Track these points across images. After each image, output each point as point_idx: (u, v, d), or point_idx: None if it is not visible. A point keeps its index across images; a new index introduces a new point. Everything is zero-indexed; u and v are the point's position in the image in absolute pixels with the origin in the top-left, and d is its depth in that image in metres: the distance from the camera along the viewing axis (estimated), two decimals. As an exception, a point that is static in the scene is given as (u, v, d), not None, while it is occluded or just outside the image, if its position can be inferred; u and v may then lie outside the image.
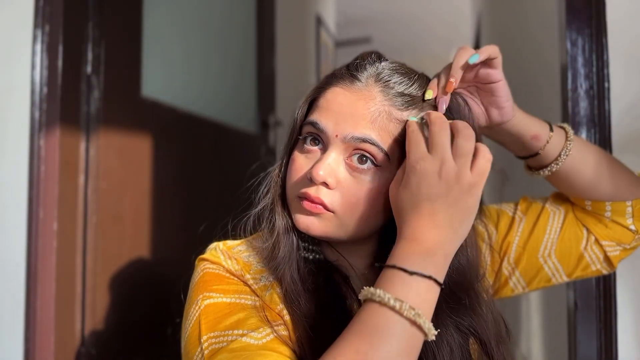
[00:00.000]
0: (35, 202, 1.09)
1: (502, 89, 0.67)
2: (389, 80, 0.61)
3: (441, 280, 0.52)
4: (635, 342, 0.91)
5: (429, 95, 0.62)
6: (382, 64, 0.64)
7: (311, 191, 0.60)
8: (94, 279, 1.20)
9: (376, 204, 0.60)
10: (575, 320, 0.94)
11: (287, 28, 2.49)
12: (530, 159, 0.74)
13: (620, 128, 0.92)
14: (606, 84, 0.92)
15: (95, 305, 1.20)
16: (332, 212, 0.60)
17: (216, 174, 1.68)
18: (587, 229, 0.75)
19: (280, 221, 0.65)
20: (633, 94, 0.92)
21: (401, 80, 0.62)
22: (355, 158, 0.60)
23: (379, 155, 0.59)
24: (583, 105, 0.94)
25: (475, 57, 0.62)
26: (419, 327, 0.50)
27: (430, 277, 0.51)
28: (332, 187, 0.60)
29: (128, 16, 1.36)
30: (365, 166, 0.59)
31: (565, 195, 0.78)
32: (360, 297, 0.52)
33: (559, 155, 0.71)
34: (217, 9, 1.86)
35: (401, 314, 0.49)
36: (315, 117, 0.62)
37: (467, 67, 0.65)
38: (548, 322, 1.41)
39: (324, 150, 0.61)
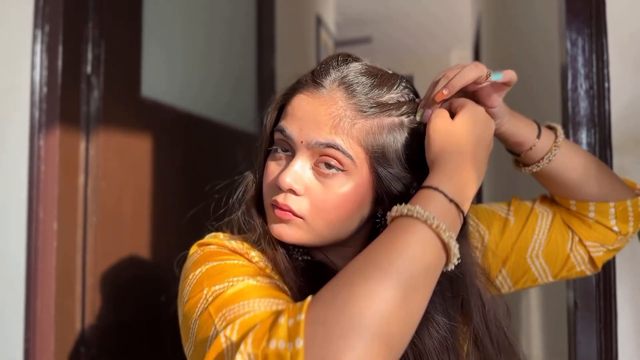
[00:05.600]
0: (35, 202, 1.09)
1: (494, 114, 0.67)
2: (353, 83, 0.61)
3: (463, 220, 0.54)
4: (635, 342, 0.91)
5: (419, 116, 0.63)
6: (350, 66, 0.63)
7: (279, 198, 0.61)
8: (94, 279, 1.20)
9: (345, 208, 0.60)
10: (575, 320, 0.94)
11: (287, 28, 2.49)
12: (516, 155, 0.75)
13: (620, 128, 0.92)
14: (606, 84, 0.92)
15: (95, 305, 1.20)
16: (302, 218, 0.60)
17: (216, 174, 1.68)
18: (572, 230, 0.76)
19: (258, 228, 0.65)
20: (633, 94, 0.91)
21: (366, 83, 0.61)
22: (322, 164, 0.60)
23: (345, 160, 0.59)
24: (583, 105, 0.94)
25: (499, 76, 0.63)
26: (447, 251, 0.51)
27: (462, 213, 0.53)
28: (300, 194, 0.60)
29: (128, 16, 1.36)
30: (332, 171, 0.59)
31: (551, 195, 0.79)
32: (392, 213, 0.52)
33: (542, 158, 0.72)
34: (217, 9, 1.86)
35: (437, 233, 0.50)
36: (282, 124, 0.62)
37: (473, 82, 0.63)
38: (548, 322, 1.41)
39: (293, 156, 0.61)
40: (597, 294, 0.93)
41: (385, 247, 0.49)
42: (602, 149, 0.93)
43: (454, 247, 0.50)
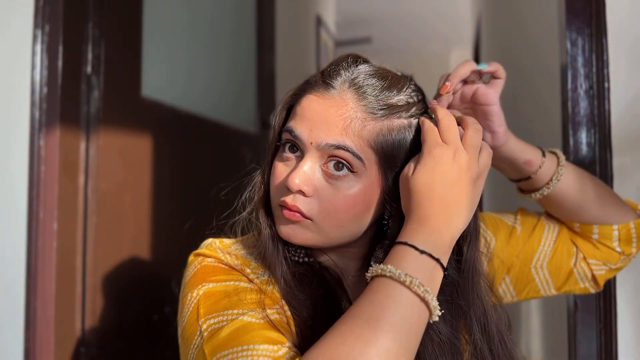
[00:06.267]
0: (35, 202, 1.09)
1: (496, 113, 0.68)
2: (364, 85, 0.61)
3: (445, 264, 0.54)
4: (635, 342, 0.91)
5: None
6: (359, 67, 0.63)
7: (288, 199, 0.60)
8: (94, 279, 1.20)
9: (354, 209, 0.60)
10: (575, 320, 0.94)
11: (287, 28, 2.49)
12: (523, 182, 0.75)
13: (620, 128, 0.92)
14: (606, 84, 0.92)
15: (95, 305, 1.20)
16: (310, 219, 0.60)
17: (216, 174, 1.68)
18: (577, 247, 0.77)
19: (265, 229, 0.65)
20: (633, 94, 0.91)
21: (376, 85, 0.61)
22: (331, 165, 0.60)
23: (354, 162, 0.59)
24: (583, 105, 0.94)
25: (484, 65, 0.66)
26: (427, 305, 0.51)
27: (438, 260, 0.53)
28: (309, 195, 0.60)
29: (128, 16, 1.36)
30: (341, 173, 0.59)
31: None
32: (369, 274, 0.53)
33: (551, 179, 0.73)
34: (217, 9, 1.86)
35: (411, 289, 0.50)
36: (291, 124, 0.62)
37: (466, 81, 0.67)
38: (548, 322, 1.41)
39: (302, 157, 0.61)
40: (597, 294, 0.93)
41: (365, 314, 0.49)
42: (601, 149, 0.93)
43: (432, 301, 0.51)
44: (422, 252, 0.52)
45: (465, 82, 0.69)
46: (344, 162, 0.59)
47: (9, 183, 1.11)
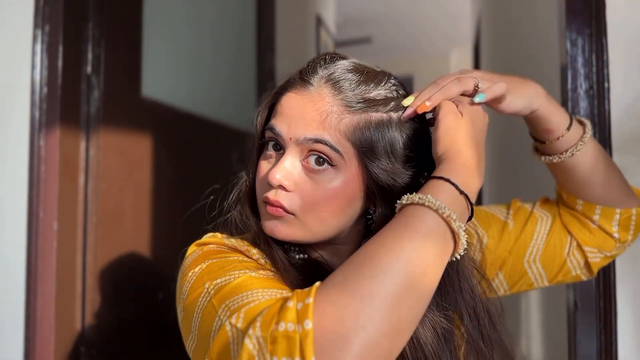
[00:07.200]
0: (35, 202, 1.09)
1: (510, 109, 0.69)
2: (340, 80, 0.61)
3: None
4: (635, 342, 0.91)
5: (408, 101, 0.63)
6: (337, 64, 0.64)
7: (270, 195, 0.61)
8: (94, 279, 1.20)
9: (335, 203, 0.61)
10: (575, 320, 0.94)
11: (287, 28, 2.49)
12: (539, 142, 0.75)
13: (620, 128, 0.92)
14: (606, 84, 0.92)
15: (95, 305, 1.20)
16: (293, 214, 0.61)
17: (215, 174, 1.68)
18: (571, 235, 0.77)
19: (254, 227, 0.66)
20: (633, 94, 0.92)
21: (353, 79, 0.62)
22: (312, 160, 0.60)
23: (333, 155, 0.59)
24: (583, 105, 0.94)
25: (482, 97, 0.62)
26: (455, 242, 0.52)
27: (470, 205, 0.54)
28: (290, 190, 0.61)
29: (128, 16, 1.36)
30: (322, 167, 0.60)
31: (558, 193, 0.80)
32: (404, 201, 0.53)
33: (565, 150, 0.72)
34: (217, 9, 1.86)
35: (448, 223, 0.51)
36: (272, 122, 0.63)
37: (462, 94, 0.64)
38: (548, 322, 1.41)
39: (283, 154, 0.62)
40: (597, 294, 0.93)
41: (397, 232, 0.49)
42: (602, 149, 0.93)
43: (463, 237, 0.51)
44: (462, 192, 0.53)
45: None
46: (323, 156, 0.60)
47: (9, 183, 1.11)
